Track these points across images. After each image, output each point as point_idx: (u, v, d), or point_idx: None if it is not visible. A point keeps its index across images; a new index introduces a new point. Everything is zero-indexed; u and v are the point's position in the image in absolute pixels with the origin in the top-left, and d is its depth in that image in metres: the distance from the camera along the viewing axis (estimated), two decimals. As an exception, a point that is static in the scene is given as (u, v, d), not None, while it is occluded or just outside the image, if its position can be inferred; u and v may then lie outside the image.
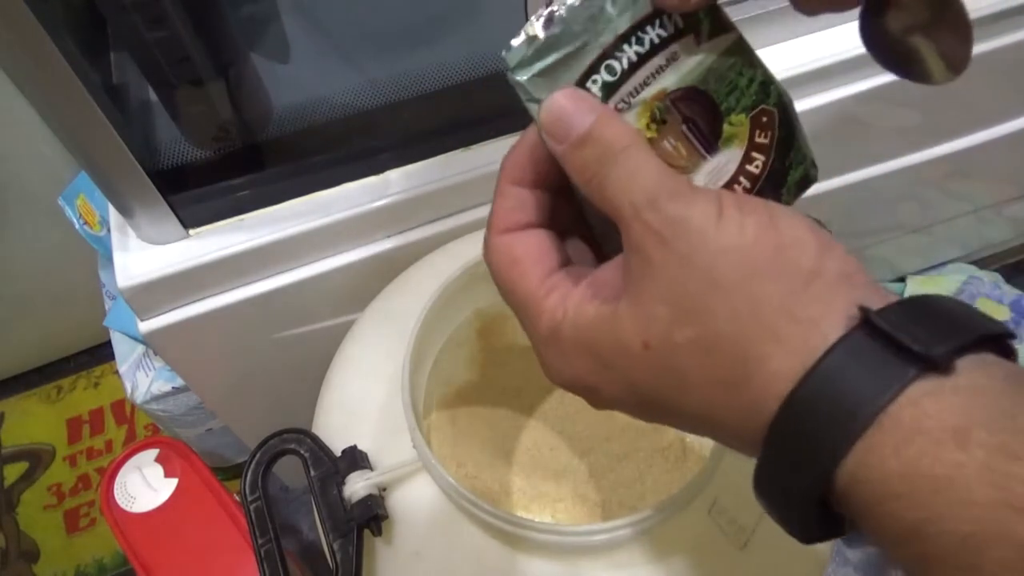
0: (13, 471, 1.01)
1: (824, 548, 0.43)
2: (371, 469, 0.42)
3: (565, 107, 0.24)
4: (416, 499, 0.42)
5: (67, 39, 0.41)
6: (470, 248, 0.51)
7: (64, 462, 1.01)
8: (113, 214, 0.54)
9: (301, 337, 0.62)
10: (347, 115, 0.55)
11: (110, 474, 0.71)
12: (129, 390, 0.77)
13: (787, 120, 0.26)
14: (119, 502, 0.70)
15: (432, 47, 0.58)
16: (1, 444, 1.03)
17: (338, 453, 0.42)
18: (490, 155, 0.56)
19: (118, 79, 0.53)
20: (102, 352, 1.08)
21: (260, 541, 0.40)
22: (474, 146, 0.57)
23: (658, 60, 0.25)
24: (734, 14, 0.56)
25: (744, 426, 0.21)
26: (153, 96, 0.52)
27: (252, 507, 0.41)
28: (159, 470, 0.71)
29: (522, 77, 0.25)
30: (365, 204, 0.55)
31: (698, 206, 0.22)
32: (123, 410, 1.04)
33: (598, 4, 0.24)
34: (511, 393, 0.58)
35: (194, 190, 0.53)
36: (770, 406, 0.21)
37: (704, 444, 0.52)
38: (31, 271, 0.95)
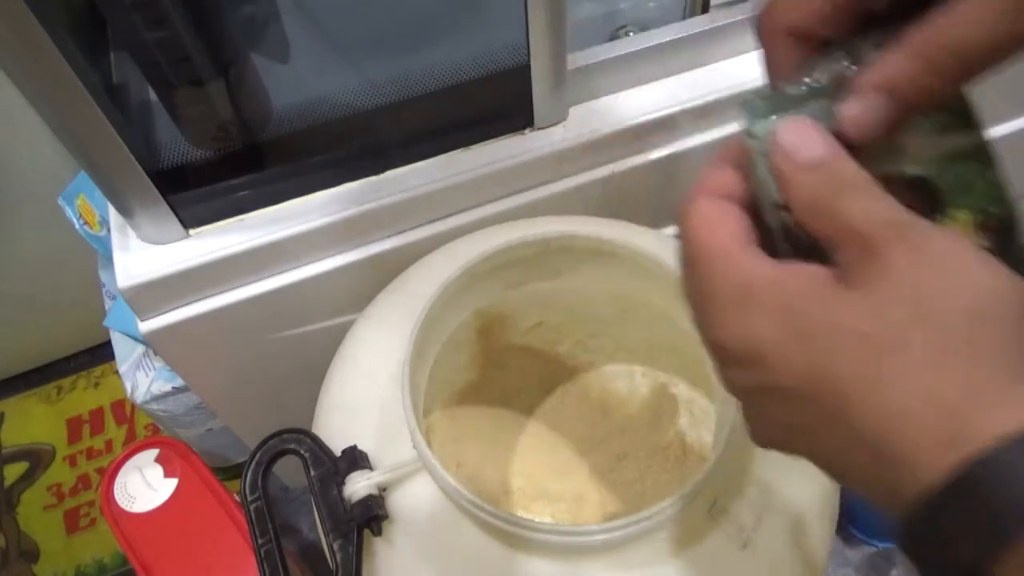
0: (13, 471, 1.01)
1: (824, 548, 0.43)
2: (371, 469, 0.42)
3: (801, 132, 0.24)
4: (416, 499, 0.42)
5: (67, 39, 0.41)
6: (470, 248, 0.51)
7: (64, 462, 1.01)
8: (113, 214, 0.54)
9: (301, 337, 0.62)
10: (347, 115, 0.55)
11: (110, 474, 0.71)
12: (129, 390, 0.77)
13: (1009, 230, 0.26)
14: (119, 502, 0.70)
15: (432, 47, 0.58)
16: (1, 444, 1.03)
17: (338, 453, 0.42)
18: (490, 155, 0.56)
19: (118, 79, 0.53)
20: (102, 352, 1.08)
21: (260, 541, 0.40)
22: (474, 146, 0.57)
23: (897, 140, 0.25)
24: (734, 14, 0.57)
25: (933, 455, 0.20)
26: (153, 96, 0.52)
27: (252, 507, 0.41)
28: (159, 470, 0.71)
29: (757, 102, 0.26)
30: (365, 204, 0.55)
31: (957, 241, 0.22)
32: (123, 410, 1.04)
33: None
34: (511, 393, 0.58)
35: (194, 190, 0.53)
36: (982, 437, 0.19)
37: (704, 444, 0.52)
38: (31, 271, 0.95)
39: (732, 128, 0.61)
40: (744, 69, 0.59)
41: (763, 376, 0.23)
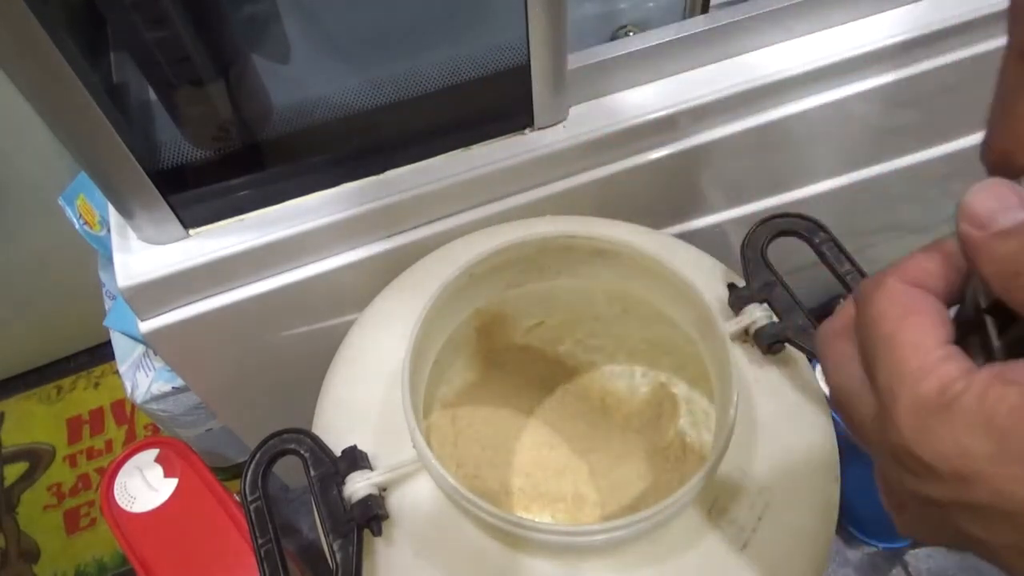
0: (13, 471, 1.01)
1: (824, 548, 0.43)
2: (371, 469, 0.42)
3: (992, 194, 0.22)
4: (416, 499, 0.42)
5: (67, 39, 0.41)
6: (470, 248, 0.51)
7: (64, 462, 1.01)
8: (113, 214, 0.54)
9: (301, 337, 0.62)
10: (347, 115, 0.55)
11: (110, 474, 0.71)
12: (129, 390, 0.77)
13: None
14: (119, 502, 0.70)
15: (432, 47, 0.58)
16: (1, 444, 1.03)
17: (338, 453, 0.42)
18: (490, 155, 0.56)
19: (118, 79, 0.53)
20: (102, 352, 1.08)
21: (260, 541, 0.40)
22: (474, 146, 0.57)
23: None
24: (734, 14, 0.57)
25: None
26: (153, 96, 0.52)
27: (252, 507, 0.41)
28: (159, 470, 0.71)
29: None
30: (365, 204, 0.55)
31: None
32: (123, 410, 1.04)
33: None
34: (511, 393, 0.58)
35: (194, 190, 0.53)
36: None
37: (704, 444, 0.52)
38: (31, 271, 0.95)
39: (732, 128, 0.61)
40: (744, 69, 0.59)
41: (965, 493, 0.21)
